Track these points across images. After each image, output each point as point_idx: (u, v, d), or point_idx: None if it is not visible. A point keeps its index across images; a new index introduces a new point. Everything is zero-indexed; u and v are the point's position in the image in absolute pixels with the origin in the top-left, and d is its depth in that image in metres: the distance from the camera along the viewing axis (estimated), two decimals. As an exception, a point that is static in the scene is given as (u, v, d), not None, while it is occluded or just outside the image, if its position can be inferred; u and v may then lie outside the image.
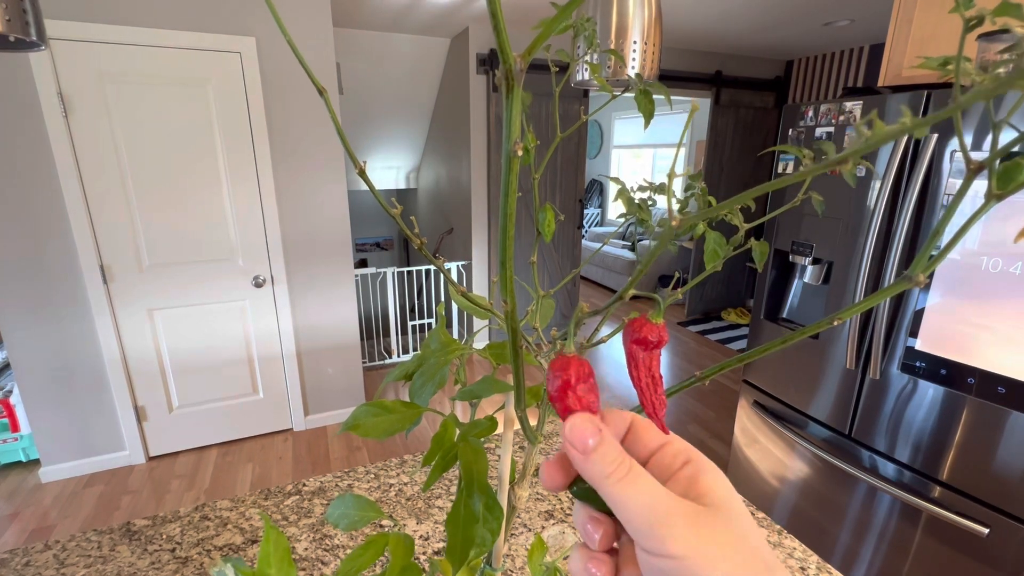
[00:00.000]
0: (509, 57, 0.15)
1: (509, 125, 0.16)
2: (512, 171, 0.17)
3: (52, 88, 1.99)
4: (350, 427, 0.31)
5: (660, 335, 0.21)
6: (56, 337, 2.22)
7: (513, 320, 0.21)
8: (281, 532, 0.26)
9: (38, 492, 2.30)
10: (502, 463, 0.32)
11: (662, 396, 0.22)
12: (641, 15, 0.56)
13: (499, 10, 0.15)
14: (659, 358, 0.22)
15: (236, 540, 0.85)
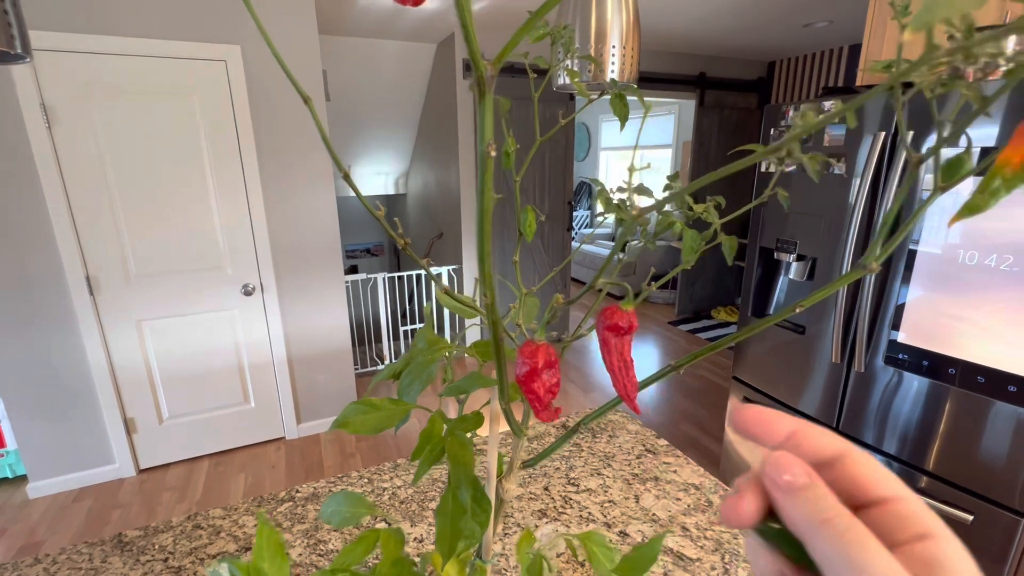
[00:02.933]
0: (480, 64, 0.16)
1: (482, 128, 0.17)
2: (487, 170, 0.19)
3: (35, 99, 1.97)
4: (340, 424, 0.31)
5: (630, 321, 0.22)
6: (42, 350, 2.20)
7: (493, 313, 0.22)
8: (274, 527, 0.27)
9: (26, 508, 2.26)
10: (489, 457, 0.33)
11: (633, 378, 0.23)
12: (619, 20, 0.58)
13: (469, 19, 0.16)
14: (630, 343, 0.23)
15: (230, 548, 0.85)
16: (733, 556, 0.82)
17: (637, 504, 0.94)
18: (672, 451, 1.11)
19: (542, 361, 0.21)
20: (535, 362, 0.21)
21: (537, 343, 0.22)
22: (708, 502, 0.94)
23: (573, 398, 3.26)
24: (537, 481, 1.01)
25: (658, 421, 2.98)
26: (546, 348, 0.21)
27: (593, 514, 0.92)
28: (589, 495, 0.97)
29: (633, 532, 0.87)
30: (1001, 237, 1.14)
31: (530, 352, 0.21)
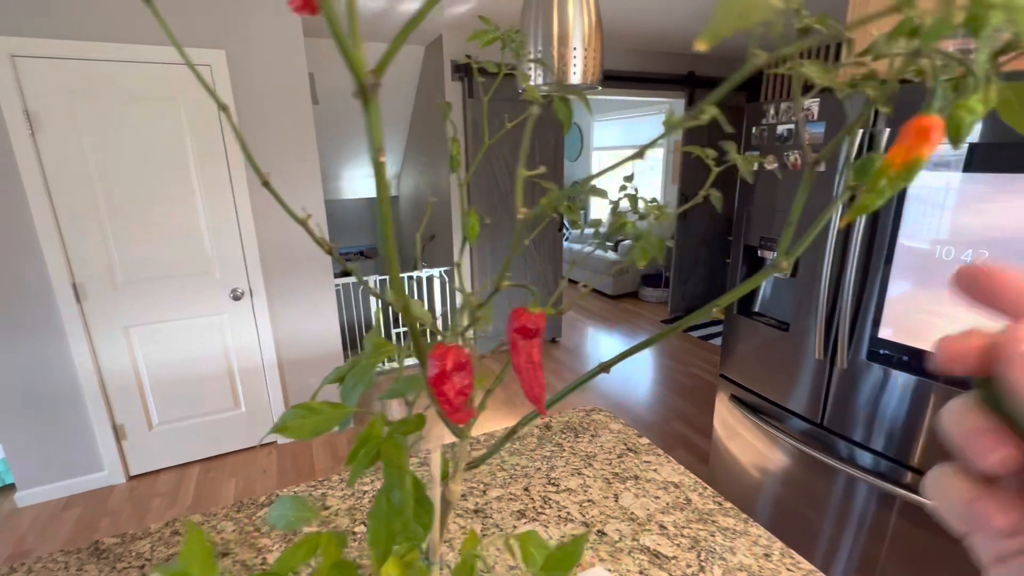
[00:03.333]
0: (361, 74, 0.17)
1: (370, 135, 0.18)
2: (380, 177, 0.19)
3: (18, 106, 1.96)
4: (278, 429, 0.32)
5: (537, 323, 0.22)
6: (28, 358, 2.18)
7: (410, 317, 0.22)
8: (203, 532, 0.27)
9: (14, 517, 2.25)
10: (432, 459, 0.33)
11: (541, 379, 0.23)
12: (581, 22, 0.58)
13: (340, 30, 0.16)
14: (539, 345, 0.23)
15: (207, 554, 0.85)
16: (709, 553, 0.82)
17: (616, 503, 0.94)
18: (653, 450, 1.11)
19: (451, 363, 0.21)
20: (444, 364, 0.21)
21: (448, 345, 0.22)
22: (687, 500, 0.95)
23: (566, 398, 3.26)
24: (517, 482, 1.01)
25: (650, 420, 2.98)
26: (457, 350, 0.21)
27: (572, 514, 0.92)
28: (569, 495, 0.97)
29: (611, 531, 0.87)
30: (976, 233, 1.15)
31: (439, 354, 0.21)
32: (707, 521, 0.89)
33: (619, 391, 3.35)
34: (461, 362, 0.21)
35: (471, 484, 1.01)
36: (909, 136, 0.18)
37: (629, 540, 0.85)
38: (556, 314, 0.30)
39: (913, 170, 0.19)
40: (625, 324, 4.66)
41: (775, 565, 0.80)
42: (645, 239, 0.39)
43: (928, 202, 1.24)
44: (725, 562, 0.80)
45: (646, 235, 0.42)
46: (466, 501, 0.96)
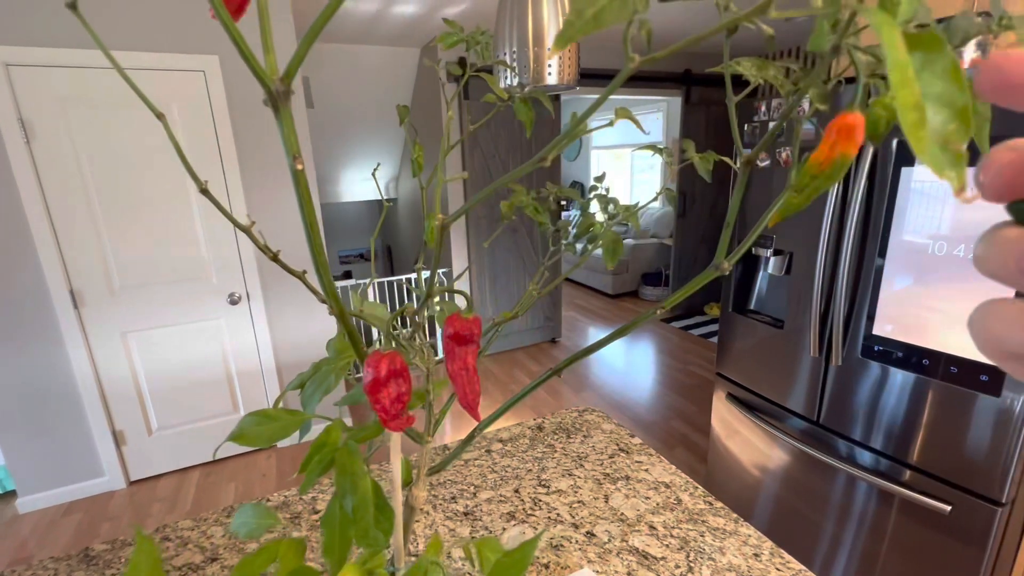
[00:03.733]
0: (268, 81, 0.17)
1: (285, 141, 0.18)
2: (300, 184, 0.19)
3: (12, 114, 1.97)
4: (234, 437, 0.31)
5: (471, 330, 0.22)
6: (27, 365, 2.19)
7: (344, 321, 0.22)
8: (152, 542, 0.27)
9: (15, 523, 2.26)
10: (392, 465, 0.33)
11: (476, 386, 0.23)
12: (556, 22, 0.58)
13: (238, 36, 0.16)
14: (474, 352, 0.23)
15: (196, 559, 0.85)
16: (698, 554, 0.82)
17: (606, 504, 0.94)
18: (645, 449, 1.11)
19: (386, 370, 0.21)
20: (378, 372, 0.21)
21: (384, 352, 0.22)
22: (677, 500, 0.95)
23: (565, 399, 3.26)
24: (508, 483, 1.01)
25: (650, 419, 2.98)
26: (391, 357, 0.21)
27: (561, 515, 0.92)
28: (559, 496, 0.97)
29: (600, 532, 0.87)
30: (967, 228, 1.14)
31: (374, 362, 0.21)
32: (697, 521, 0.89)
33: (618, 390, 3.35)
34: (396, 369, 0.21)
35: (461, 486, 1.01)
36: (832, 134, 0.18)
37: (618, 541, 0.85)
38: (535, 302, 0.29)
39: (839, 169, 0.19)
40: (624, 323, 4.65)
41: (764, 565, 0.79)
42: (606, 239, 0.39)
43: (924, 196, 1.23)
44: (714, 562, 0.80)
45: (607, 235, 0.42)
46: (456, 504, 0.96)
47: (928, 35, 0.12)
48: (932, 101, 0.12)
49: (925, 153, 0.12)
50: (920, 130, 0.11)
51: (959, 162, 0.12)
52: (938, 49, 0.12)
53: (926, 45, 0.12)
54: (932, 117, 0.12)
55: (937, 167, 0.12)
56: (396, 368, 0.21)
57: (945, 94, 0.12)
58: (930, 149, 0.12)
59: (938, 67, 0.12)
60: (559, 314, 4.18)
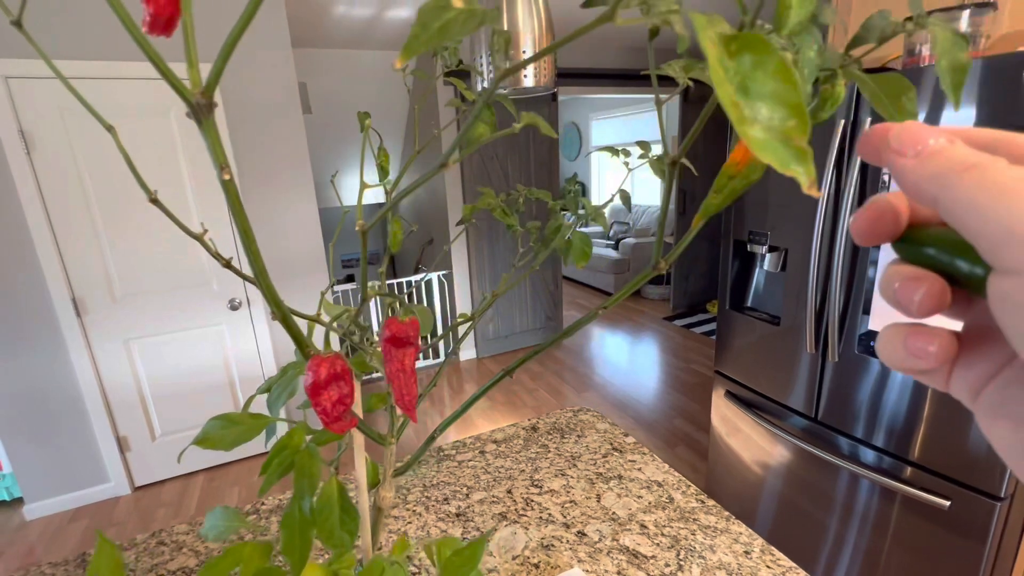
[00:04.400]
0: (188, 95, 0.17)
1: (211, 153, 0.18)
2: (231, 194, 0.19)
3: (13, 126, 2.00)
4: (199, 441, 0.32)
5: (408, 333, 0.22)
6: (32, 373, 2.22)
7: (289, 326, 0.22)
8: (114, 545, 0.27)
9: (23, 530, 2.28)
10: (357, 467, 0.34)
11: (413, 389, 0.24)
12: (531, 25, 0.58)
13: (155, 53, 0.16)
14: (412, 354, 0.23)
15: (190, 563, 0.86)
16: (689, 552, 0.82)
17: (598, 503, 0.94)
18: (639, 449, 1.11)
19: (325, 374, 0.21)
20: (318, 375, 0.21)
21: (325, 355, 0.22)
22: (669, 498, 0.95)
23: (566, 399, 3.26)
24: (501, 484, 1.01)
25: (651, 418, 2.97)
26: (332, 360, 0.22)
27: (553, 515, 0.92)
28: (551, 496, 0.97)
29: (591, 532, 0.87)
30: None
31: (314, 365, 0.22)
32: (688, 519, 0.89)
33: (620, 390, 3.34)
34: (336, 372, 0.22)
35: (454, 488, 1.01)
36: None
37: (609, 540, 0.85)
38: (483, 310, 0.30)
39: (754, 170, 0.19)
40: (627, 322, 4.65)
41: (754, 563, 0.79)
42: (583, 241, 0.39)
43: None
44: (704, 560, 0.80)
45: (582, 236, 0.42)
46: (448, 505, 0.96)
47: (754, 37, 0.12)
48: (767, 99, 0.12)
49: (765, 150, 0.12)
50: (744, 125, 0.12)
51: (804, 157, 0.12)
52: (766, 51, 0.12)
53: (754, 47, 0.12)
54: (770, 115, 0.12)
55: (782, 163, 0.12)
56: (336, 371, 0.22)
57: (779, 92, 0.12)
58: (771, 145, 0.12)
59: (769, 67, 0.12)
60: (560, 314, 4.18)
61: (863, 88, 0.21)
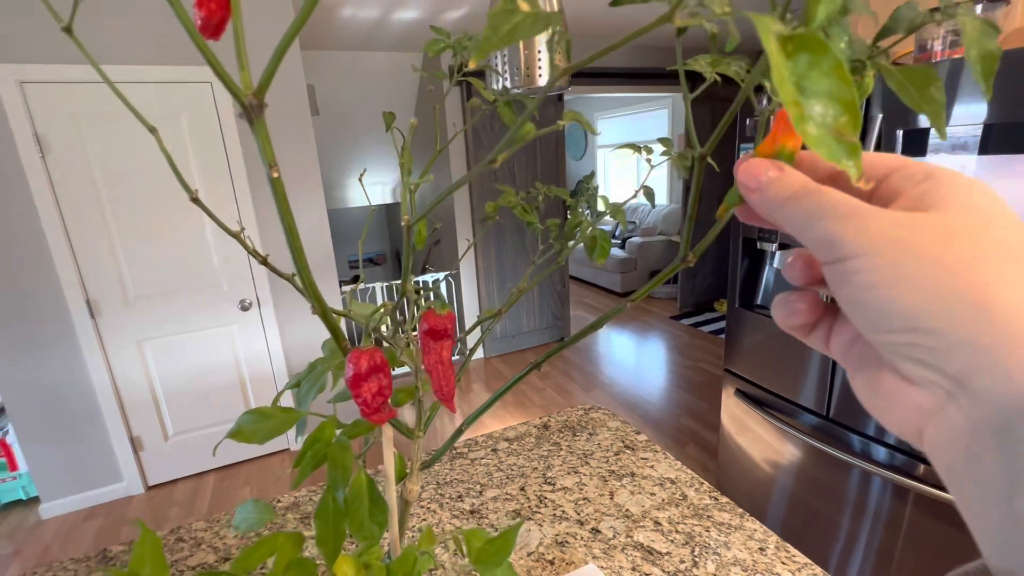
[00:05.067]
0: (242, 96, 0.18)
1: (261, 152, 0.19)
2: (278, 193, 0.20)
3: (27, 130, 2.03)
4: (233, 434, 0.33)
5: (445, 325, 0.23)
6: (47, 374, 2.25)
7: (328, 320, 0.23)
8: (155, 534, 0.28)
9: (39, 529, 2.31)
10: (386, 460, 0.34)
11: (451, 380, 0.24)
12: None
13: (214, 59, 0.17)
14: (449, 347, 0.24)
15: (209, 559, 0.87)
16: (703, 549, 0.82)
17: (611, 501, 0.95)
18: (651, 446, 1.11)
19: (366, 366, 0.22)
20: (359, 367, 0.22)
21: (364, 348, 0.23)
22: (683, 495, 0.95)
23: (575, 397, 3.26)
24: (514, 481, 1.02)
25: (659, 417, 2.97)
26: (371, 353, 0.22)
27: (567, 512, 0.92)
28: (564, 493, 0.98)
29: (605, 528, 0.88)
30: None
31: (355, 357, 0.22)
32: (702, 516, 0.89)
33: (628, 389, 3.34)
34: (376, 364, 0.22)
35: (468, 485, 1.02)
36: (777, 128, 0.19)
37: (623, 537, 0.85)
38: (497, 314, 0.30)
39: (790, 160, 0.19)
40: (635, 321, 4.64)
41: (770, 559, 0.79)
42: (591, 236, 0.39)
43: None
44: (719, 557, 0.80)
45: (602, 234, 0.43)
46: (462, 502, 0.97)
47: (811, 37, 0.13)
48: (822, 97, 0.12)
49: (820, 145, 0.12)
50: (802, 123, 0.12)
51: (855, 152, 0.13)
52: (822, 51, 0.12)
53: (811, 47, 0.13)
54: (824, 112, 0.12)
55: (834, 157, 0.13)
56: (376, 363, 0.22)
57: (833, 90, 0.12)
58: (825, 141, 0.12)
59: (824, 66, 0.12)
60: (568, 313, 4.18)
61: (890, 80, 0.21)
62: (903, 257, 0.16)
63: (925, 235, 0.16)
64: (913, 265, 0.16)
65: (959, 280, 0.16)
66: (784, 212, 0.19)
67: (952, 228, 0.16)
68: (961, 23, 0.18)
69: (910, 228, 0.17)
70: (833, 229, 0.18)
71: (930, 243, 0.16)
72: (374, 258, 6.57)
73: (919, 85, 0.20)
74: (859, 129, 0.13)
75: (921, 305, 0.16)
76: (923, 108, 0.20)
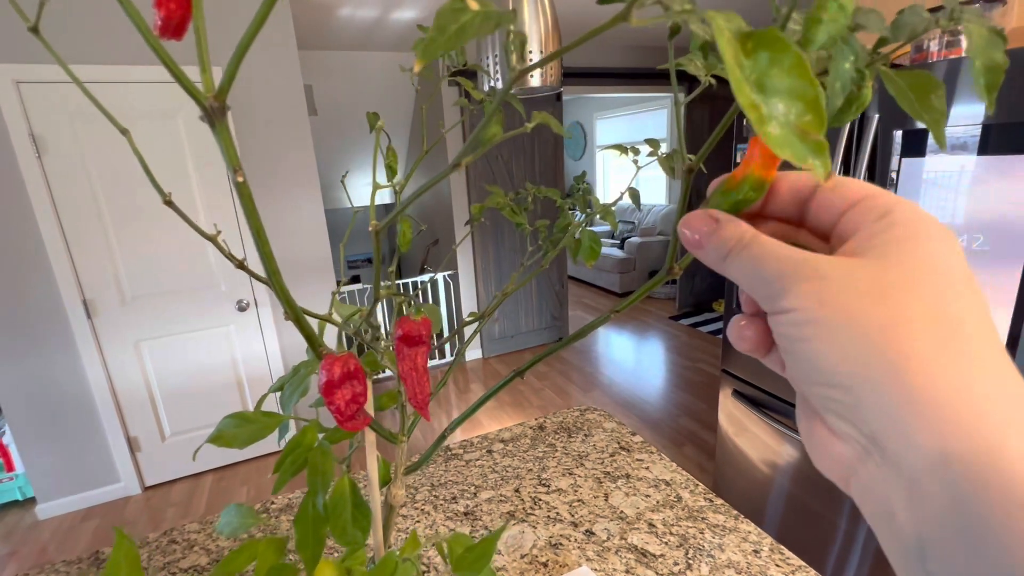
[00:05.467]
0: (201, 98, 0.17)
1: (224, 155, 0.18)
2: (244, 196, 0.19)
3: (24, 130, 2.02)
4: (213, 439, 0.32)
5: (420, 331, 0.23)
6: (43, 374, 2.24)
7: (302, 326, 0.23)
8: (132, 540, 0.28)
9: (35, 529, 2.31)
10: (369, 465, 0.34)
11: (425, 386, 0.24)
12: (537, 26, 0.59)
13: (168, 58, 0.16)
14: (424, 353, 0.23)
15: (202, 561, 0.87)
16: (697, 551, 0.82)
17: (606, 502, 0.94)
18: (646, 447, 1.11)
19: (339, 373, 0.22)
20: (332, 374, 0.22)
21: (337, 355, 0.22)
22: (677, 497, 0.94)
23: (573, 398, 3.26)
24: (508, 483, 1.01)
25: (657, 417, 2.96)
26: (345, 359, 0.22)
27: (561, 514, 0.92)
28: (559, 495, 0.97)
29: (599, 531, 0.87)
30: (972, 217, 1.13)
31: (327, 364, 0.22)
32: (697, 518, 0.89)
33: (626, 389, 3.34)
34: (350, 371, 0.22)
35: (462, 487, 1.02)
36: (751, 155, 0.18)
37: (617, 539, 0.85)
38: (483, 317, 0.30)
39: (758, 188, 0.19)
40: (633, 322, 4.64)
41: (764, 561, 0.79)
42: (583, 238, 0.39)
43: (934, 185, 1.22)
44: (713, 559, 0.80)
45: (590, 235, 0.42)
46: (456, 504, 0.97)
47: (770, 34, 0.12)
48: (784, 95, 0.12)
49: (783, 145, 0.12)
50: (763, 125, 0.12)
51: (821, 150, 0.12)
52: (783, 48, 0.12)
53: (770, 45, 0.12)
54: (787, 110, 0.12)
55: (799, 157, 0.12)
56: (350, 370, 0.22)
57: (795, 88, 0.12)
58: (788, 140, 0.12)
59: (785, 63, 0.12)
60: (566, 313, 4.18)
61: (890, 86, 0.21)
62: (827, 314, 0.17)
63: (855, 291, 0.17)
64: (836, 323, 0.17)
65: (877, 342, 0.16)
66: (726, 267, 0.20)
67: (884, 284, 0.16)
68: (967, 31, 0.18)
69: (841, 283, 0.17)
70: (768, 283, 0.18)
71: (857, 301, 0.16)
72: (371, 259, 6.56)
73: (919, 92, 0.19)
74: (824, 128, 0.12)
75: (840, 363, 0.17)
76: (922, 116, 0.19)
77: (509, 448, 1.14)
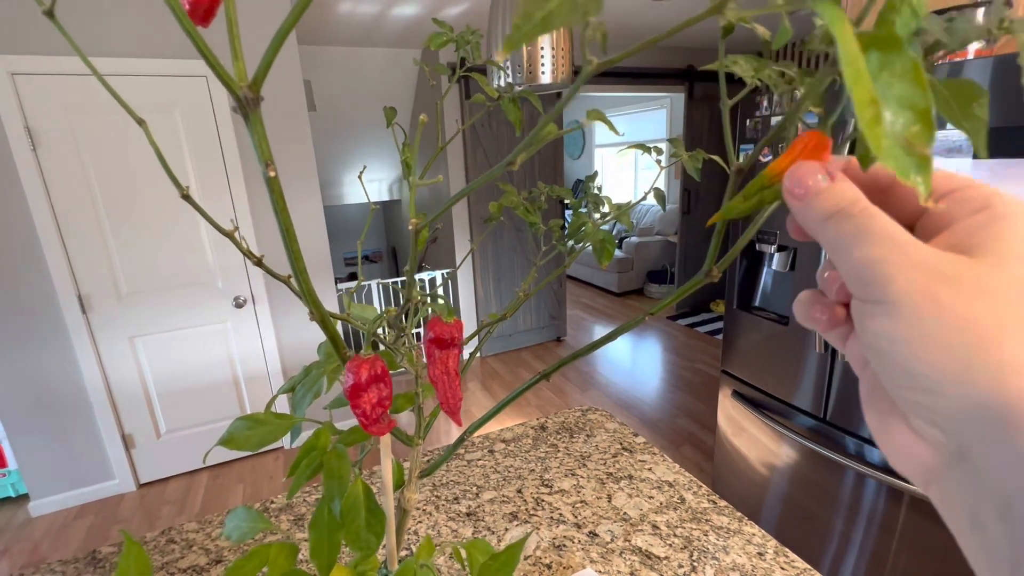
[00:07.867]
0: (236, 88, 0.16)
1: (257, 148, 0.17)
2: (275, 192, 0.18)
3: (19, 123, 2.00)
4: (224, 442, 0.31)
5: (452, 334, 0.22)
6: (38, 370, 2.22)
7: (327, 327, 0.22)
8: (141, 546, 0.27)
9: (28, 527, 2.29)
10: (383, 468, 0.33)
11: (457, 390, 0.23)
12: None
13: (205, 47, 0.16)
14: (456, 356, 0.23)
15: (200, 562, 0.86)
16: (702, 553, 0.81)
17: (609, 504, 0.94)
18: (649, 448, 1.11)
19: (367, 375, 0.21)
20: (359, 377, 0.21)
21: (364, 357, 0.22)
22: (681, 499, 0.94)
23: (571, 398, 3.25)
24: (511, 484, 1.01)
25: (656, 417, 2.96)
26: (372, 362, 0.21)
27: (564, 515, 0.91)
28: (562, 496, 0.97)
29: (603, 532, 0.87)
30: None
31: (355, 367, 0.21)
32: (701, 520, 0.88)
33: (624, 389, 3.34)
34: (377, 374, 0.21)
35: (464, 487, 1.01)
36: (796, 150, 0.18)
37: (621, 541, 0.85)
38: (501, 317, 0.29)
39: None
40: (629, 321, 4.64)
41: (768, 564, 0.78)
42: (596, 238, 0.38)
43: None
44: (718, 562, 0.79)
45: (597, 234, 0.42)
46: (459, 504, 0.96)
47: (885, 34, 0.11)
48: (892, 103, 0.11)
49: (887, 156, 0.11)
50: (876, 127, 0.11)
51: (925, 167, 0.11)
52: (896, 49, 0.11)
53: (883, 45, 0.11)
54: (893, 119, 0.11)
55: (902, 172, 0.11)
56: (377, 373, 0.21)
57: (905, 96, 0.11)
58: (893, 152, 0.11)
59: (897, 68, 0.11)
60: (564, 313, 4.18)
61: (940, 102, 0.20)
62: (930, 313, 0.15)
63: (958, 290, 0.15)
64: (937, 325, 0.15)
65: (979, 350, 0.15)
66: (825, 228, 0.18)
67: (988, 286, 0.15)
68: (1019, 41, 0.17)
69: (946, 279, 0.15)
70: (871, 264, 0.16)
71: (960, 302, 0.15)
72: (370, 255, 6.54)
73: (962, 101, 0.18)
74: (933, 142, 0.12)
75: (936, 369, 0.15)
76: (963, 125, 0.19)
77: (511, 448, 1.14)
